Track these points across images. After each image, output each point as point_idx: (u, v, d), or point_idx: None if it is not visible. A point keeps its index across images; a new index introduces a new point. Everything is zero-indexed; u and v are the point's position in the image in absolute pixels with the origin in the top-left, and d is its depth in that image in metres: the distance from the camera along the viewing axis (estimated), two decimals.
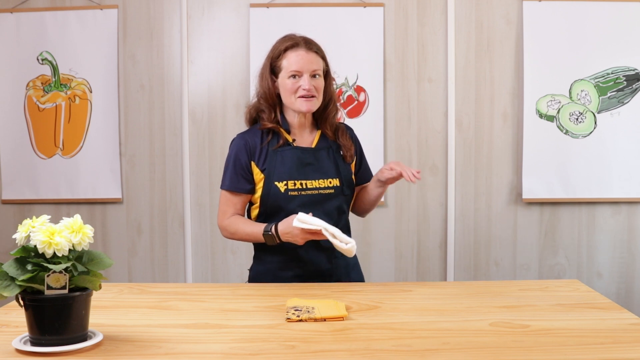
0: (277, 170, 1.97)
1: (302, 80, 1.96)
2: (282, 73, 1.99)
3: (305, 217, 1.81)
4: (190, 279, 3.41)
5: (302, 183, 1.98)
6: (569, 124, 3.31)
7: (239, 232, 1.98)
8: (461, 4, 3.32)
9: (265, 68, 2.03)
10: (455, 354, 1.28)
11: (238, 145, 2.01)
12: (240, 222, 1.99)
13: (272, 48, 2.04)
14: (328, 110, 2.08)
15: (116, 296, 1.77)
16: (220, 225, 2.04)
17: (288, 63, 1.97)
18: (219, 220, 2.03)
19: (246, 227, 1.97)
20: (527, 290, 1.81)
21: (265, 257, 2.04)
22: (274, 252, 2.00)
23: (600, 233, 3.38)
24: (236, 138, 2.05)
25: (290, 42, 1.99)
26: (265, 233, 1.91)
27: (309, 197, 1.98)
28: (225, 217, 2.01)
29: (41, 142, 3.40)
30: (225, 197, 2.02)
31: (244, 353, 1.29)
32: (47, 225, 1.30)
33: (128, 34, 3.37)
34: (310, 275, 2.01)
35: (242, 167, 1.99)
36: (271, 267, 2.03)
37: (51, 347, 1.26)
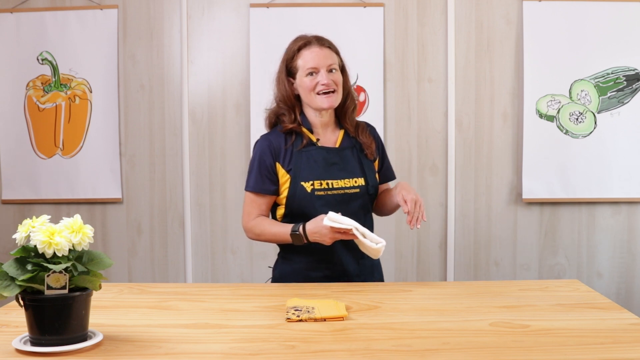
0: (303, 170, 1.97)
1: (320, 76, 1.97)
2: (299, 73, 2.00)
3: (335, 216, 1.81)
4: (190, 279, 3.41)
5: (328, 183, 1.98)
6: (569, 124, 3.31)
7: (266, 233, 1.98)
8: (461, 4, 3.32)
9: (281, 71, 2.04)
10: (455, 354, 1.28)
11: (262, 146, 2.02)
12: (266, 223, 1.99)
13: (285, 51, 2.05)
14: (347, 105, 2.07)
15: (116, 296, 1.77)
16: (245, 227, 2.02)
17: (304, 61, 1.98)
18: (244, 222, 2.02)
19: (272, 228, 1.96)
20: (527, 290, 1.81)
21: (292, 257, 2.03)
22: (303, 252, 1.99)
23: (600, 233, 3.38)
24: (260, 140, 2.05)
25: (303, 41, 2.00)
26: (293, 233, 1.91)
27: (334, 196, 1.98)
28: (250, 219, 2.00)
29: (41, 142, 3.40)
30: (250, 199, 2.01)
31: (244, 353, 1.29)
32: (47, 225, 1.30)
33: (128, 34, 3.37)
34: (338, 275, 2.00)
35: (266, 168, 1.99)
36: (298, 267, 2.02)
37: (51, 347, 1.26)
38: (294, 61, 2.01)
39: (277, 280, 2.07)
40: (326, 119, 2.04)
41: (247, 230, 2.02)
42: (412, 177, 3.36)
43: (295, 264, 2.02)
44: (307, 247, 1.94)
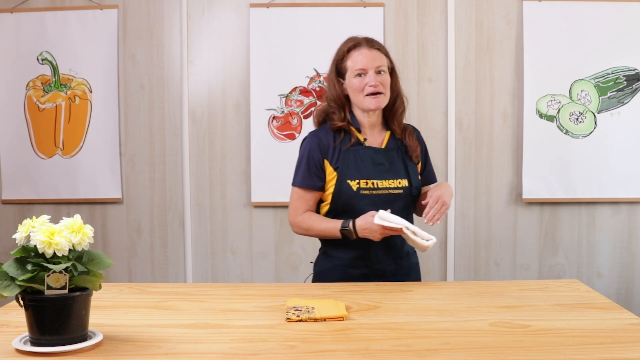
0: (349, 169, 2.00)
1: (368, 77, 1.99)
2: (348, 74, 2.03)
3: (386, 215, 1.85)
4: (190, 279, 3.41)
5: (373, 182, 2.01)
6: (569, 124, 3.31)
7: (314, 228, 2.01)
8: (461, 4, 3.32)
9: (331, 72, 2.08)
10: (455, 354, 1.28)
11: (311, 143, 2.04)
12: (315, 218, 2.03)
13: (336, 52, 2.09)
14: (396, 106, 2.10)
15: (116, 296, 1.77)
16: (292, 222, 2.07)
17: (353, 63, 2.02)
18: (291, 217, 2.06)
19: (321, 224, 2.00)
20: (527, 290, 1.81)
21: (333, 254, 2.06)
22: (344, 250, 2.01)
23: (600, 233, 3.38)
24: (309, 136, 2.08)
25: (352, 43, 2.04)
26: (343, 229, 1.94)
27: (379, 196, 2.01)
28: (298, 214, 2.05)
29: (41, 142, 3.40)
30: (298, 194, 2.06)
31: (244, 353, 1.29)
32: (47, 225, 1.30)
33: (128, 34, 3.37)
34: (375, 274, 2.03)
35: (315, 164, 2.02)
36: (339, 264, 2.04)
37: (51, 347, 1.26)
38: (344, 62, 2.05)
39: (317, 276, 2.09)
40: (374, 119, 2.08)
41: (294, 225, 2.06)
42: None
43: (336, 260, 2.05)
44: (348, 244, 1.98)
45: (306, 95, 3.34)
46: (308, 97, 3.34)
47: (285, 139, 3.35)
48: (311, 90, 3.33)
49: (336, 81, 2.06)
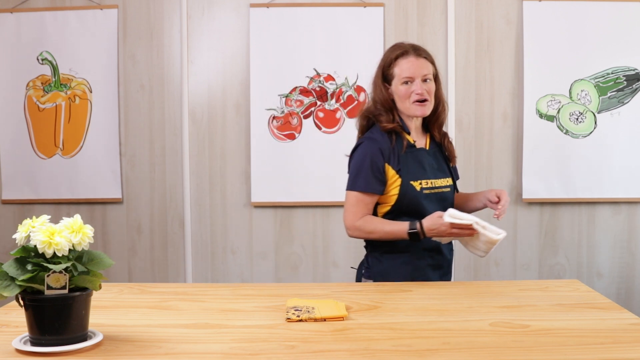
0: (410, 170, 2.05)
1: (415, 85, 2.04)
2: (394, 80, 2.08)
3: (456, 212, 1.89)
4: (190, 279, 3.41)
5: (432, 182, 2.07)
6: (569, 124, 3.31)
7: (377, 231, 2.02)
8: (461, 4, 3.32)
9: (377, 77, 2.13)
10: (455, 354, 1.28)
11: (372, 148, 2.05)
12: (377, 221, 2.04)
13: (382, 57, 2.14)
14: (438, 112, 2.16)
15: (116, 296, 1.77)
16: (351, 225, 2.05)
17: (400, 70, 2.06)
18: (350, 221, 2.05)
19: (385, 226, 2.01)
20: (527, 290, 1.81)
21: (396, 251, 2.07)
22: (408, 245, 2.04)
23: (600, 233, 3.38)
24: (367, 142, 2.08)
25: (400, 51, 2.08)
26: (411, 230, 1.96)
27: (436, 195, 2.08)
28: (357, 218, 2.04)
29: (41, 142, 3.40)
30: (357, 198, 2.05)
31: (244, 353, 1.29)
32: (47, 225, 1.29)
33: (128, 34, 3.37)
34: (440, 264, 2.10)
35: (378, 169, 2.03)
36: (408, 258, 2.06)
37: (51, 347, 1.26)
38: (391, 68, 2.09)
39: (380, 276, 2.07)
40: (417, 123, 2.15)
41: (355, 229, 2.05)
42: None
43: (406, 256, 2.07)
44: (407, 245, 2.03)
45: (306, 95, 3.34)
46: (308, 97, 3.34)
47: (285, 139, 3.35)
48: (311, 90, 3.33)
49: (382, 86, 2.10)
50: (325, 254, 3.42)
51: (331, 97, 3.34)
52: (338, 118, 3.34)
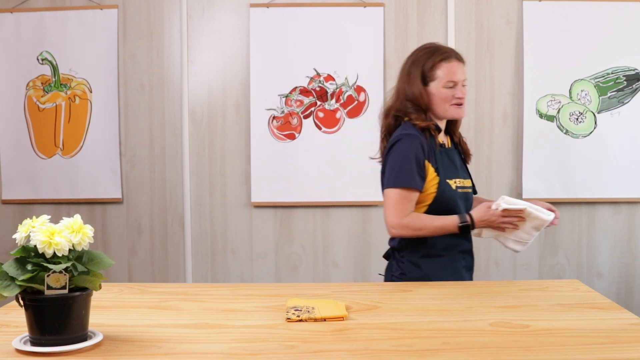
0: (445, 168, 2.07)
1: (457, 90, 2.08)
2: (435, 82, 2.08)
3: (510, 199, 1.96)
4: (190, 279, 3.41)
5: (461, 181, 2.11)
6: (569, 124, 3.31)
7: (427, 227, 2.01)
8: (461, 4, 3.32)
9: (415, 75, 2.09)
10: (455, 354, 1.28)
11: (414, 143, 2.03)
12: (425, 217, 2.02)
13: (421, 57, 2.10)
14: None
15: (116, 296, 1.77)
16: (398, 224, 2.01)
17: (444, 74, 2.07)
18: (396, 219, 2.01)
19: (435, 222, 2.00)
20: (527, 290, 1.81)
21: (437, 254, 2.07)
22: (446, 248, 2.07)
23: (600, 233, 3.38)
24: (407, 137, 2.05)
25: (445, 54, 2.09)
26: (462, 223, 1.98)
27: (464, 194, 2.11)
28: (403, 215, 2.01)
29: (41, 142, 3.40)
30: (401, 195, 2.02)
31: (244, 353, 1.29)
32: (47, 225, 1.29)
33: (128, 34, 3.37)
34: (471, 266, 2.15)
35: (420, 165, 2.02)
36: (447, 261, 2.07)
37: (51, 347, 1.26)
38: (433, 70, 2.08)
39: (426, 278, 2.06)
40: (443, 125, 2.16)
41: (402, 227, 2.01)
42: None
43: (444, 258, 2.07)
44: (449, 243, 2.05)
45: (306, 95, 3.34)
46: (308, 97, 3.34)
47: (285, 139, 3.35)
48: (311, 90, 3.33)
49: (420, 85, 2.09)
50: (325, 254, 3.42)
51: (331, 97, 3.34)
52: (338, 118, 3.34)
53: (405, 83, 2.11)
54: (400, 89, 2.13)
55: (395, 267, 2.12)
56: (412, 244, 2.06)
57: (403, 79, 2.13)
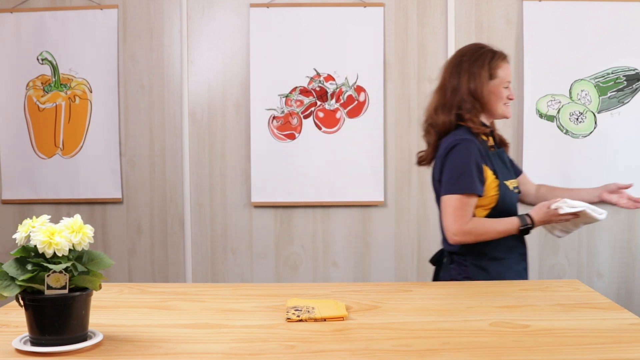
0: (501, 171, 2.09)
1: (510, 90, 2.13)
2: (496, 81, 2.09)
3: (571, 202, 1.97)
4: (190, 279, 3.41)
5: (513, 182, 2.14)
6: (569, 124, 3.31)
7: (489, 232, 2.01)
8: (461, 4, 3.32)
9: (479, 73, 2.08)
10: (455, 354, 1.28)
11: (472, 149, 2.02)
12: (486, 222, 2.02)
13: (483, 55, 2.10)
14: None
15: (116, 296, 1.77)
16: (460, 230, 1.99)
17: (504, 74, 2.10)
18: (459, 226, 1.99)
19: (497, 226, 2.01)
20: (527, 290, 1.81)
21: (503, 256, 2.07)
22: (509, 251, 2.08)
23: (600, 233, 3.38)
24: (464, 142, 2.03)
25: (503, 55, 2.13)
26: (524, 226, 2.00)
27: (517, 195, 2.15)
28: (465, 221, 1.99)
29: (41, 142, 3.40)
30: (462, 201, 1.99)
31: (244, 353, 1.29)
32: (47, 225, 1.29)
33: (128, 34, 3.37)
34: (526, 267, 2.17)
35: (479, 170, 2.02)
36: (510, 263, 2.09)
37: (51, 347, 1.26)
38: (496, 69, 2.09)
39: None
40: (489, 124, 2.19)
41: (464, 234, 2.00)
42: (412, 177, 3.36)
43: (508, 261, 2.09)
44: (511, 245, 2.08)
45: (306, 95, 3.34)
46: (308, 97, 3.34)
47: (285, 139, 3.35)
48: (311, 90, 3.33)
49: (487, 83, 2.08)
50: (325, 254, 3.42)
51: (331, 97, 3.34)
52: (338, 118, 3.34)
53: (468, 80, 2.08)
54: (458, 85, 2.09)
55: (457, 272, 2.09)
56: (476, 248, 2.05)
57: (464, 76, 2.09)
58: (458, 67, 2.09)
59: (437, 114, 2.11)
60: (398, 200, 3.38)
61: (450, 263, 2.12)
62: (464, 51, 2.13)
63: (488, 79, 2.08)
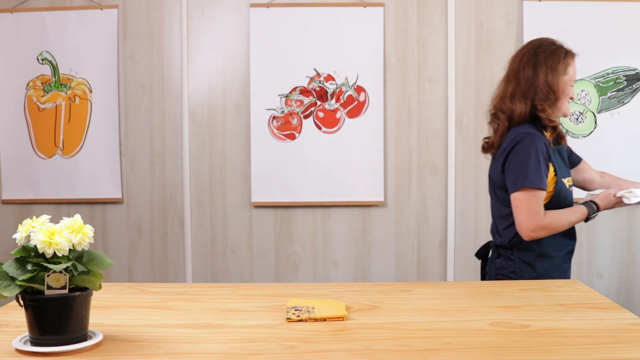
0: (560, 167, 2.10)
1: (573, 90, 2.15)
2: (566, 77, 2.11)
3: (637, 191, 2.04)
4: (190, 279, 3.41)
5: (570, 180, 2.16)
6: (569, 124, 3.31)
7: (563, 225, 2.05)
8: (461, 4, 3.32)
9: (555, 67, 2.09)
10: (455, 354, 1.28)
11: (539, 143, 2.04)
12: (559, 215, 2.05)
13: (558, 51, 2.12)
14: None
15: (116, 296, 1.77)
16: (537, 226, 2.01)
17: (573, 72, 2.13)
18: (535, 221, 2.00)
19: (570, 217, 2.06)
20: (527, 290, 1.81)
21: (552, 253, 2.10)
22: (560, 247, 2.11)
23: (600, 233, 3.38)
24: (531, 137, 2.05)
25: (573, 53, 2.15)
26: (594, 215, 2.07)
27: (571, 192, 2.15)
28: (541, 216, 2.01)
29: (41, 142, 3.40)
30: (536, 197, 2.01)
31: (244, 353, 1.29)
32: (47, 225, 1.29)
33: (128, 34, 3.37)
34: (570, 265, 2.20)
35: (546, 165, 2.05)
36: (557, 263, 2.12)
37: (51, 347, 1.26)
38: (568, 67, 2.11)
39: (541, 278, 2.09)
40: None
41: (542, 228, 2.02)
42: (412, 177, 3.36)
43: (556, 260, 2.11)
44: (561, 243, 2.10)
45: (306, 95, 3.34)
46: (308, 97, 3.34)
47: (285, 139, 3.35)
48: (311, 90, 3.33)
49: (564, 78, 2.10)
50: (325, 254, 3.42)
51: (331, 97, 3.34)
52: (338, 118, 3.34)
53: (545, 71, 2.09)
54: (534, 75, 2.09)
55: (503, 265, 2.13)
56: (524, 242, 2.07)
57: (540, 67, 2.09)
58: (533, 59, 2.10)
59: (512, 102, 2.11)
60: (398, 200, 3.38)
61: (497, 257, 2.15)
62: (536, 44, 2.13)
63: (562, 74, 2.10)
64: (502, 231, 2.14)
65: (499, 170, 2.10)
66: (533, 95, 2.08)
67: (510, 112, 2.10)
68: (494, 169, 2.14)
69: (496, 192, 2.15)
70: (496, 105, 2.16)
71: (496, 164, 2.13)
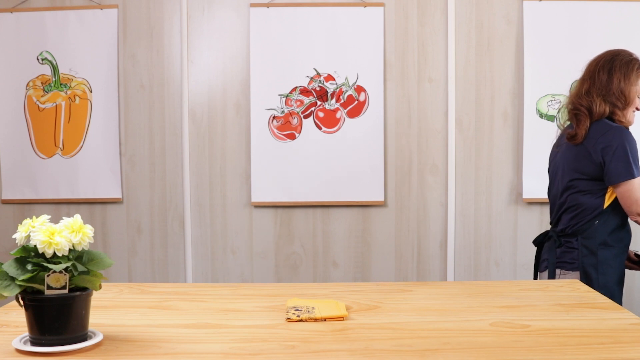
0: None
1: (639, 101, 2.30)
2: (636, 87, 2.28)
3: None
4: (190, 279, 3.41)
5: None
6: None
7: None
8: (461, 4, 3.32)
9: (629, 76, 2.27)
10: (455, 354, 1.28)
11: (631, 135, 2.22)
12: None
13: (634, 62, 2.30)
14: None
15: (116, 296, 1.77)
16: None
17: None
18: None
19: None
20: (527, 290, 1.81)
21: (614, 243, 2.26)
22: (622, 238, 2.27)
23: None
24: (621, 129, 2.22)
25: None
26: None
27: None
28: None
29: (41, 142, 3.40)
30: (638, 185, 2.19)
31: (244, 353, 1.29)
32: (47, 225, 1.29)
33: (128, 34, 3.37)
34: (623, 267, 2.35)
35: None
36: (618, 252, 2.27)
37: (51, 347, 1.26)
38: (639, 79, 2.28)
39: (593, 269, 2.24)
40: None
41: None
42: (412, 177, 3.36)
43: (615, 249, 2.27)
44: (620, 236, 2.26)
45: (306, 95, 3.34)
46: (308, 97, 3.34)
47: (286, 139, 3.35)
48: (311, 90, 3.33)
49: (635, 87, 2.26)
50: (325, 254, 3.42)
51: (331, 97, 3.34)
52: (338, 118, 3.34)
53: (619, 78, 2.26)
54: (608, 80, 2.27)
55: (563, 252, 2.28)
56: (586, 231, 2.24)
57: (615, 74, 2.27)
58: (609, 64, 2.29)
59: (588, 98, 2.28)
60: (398, 200, 3.38)
61: (558, 246, 2.30)
62: (615, 52, 2.33)
63: (634, 84, 2.25)
64: (567, 220, 2.30)
65: (589, 159, 2.23)
66: (606, 97, 2.25)
67: (589, 106, 2.27)
68: (577, 157, 2.26)
69: (572, 180, 2.27)
70: (574, 101, 2.34)
71: (579, 152, 2.25)
